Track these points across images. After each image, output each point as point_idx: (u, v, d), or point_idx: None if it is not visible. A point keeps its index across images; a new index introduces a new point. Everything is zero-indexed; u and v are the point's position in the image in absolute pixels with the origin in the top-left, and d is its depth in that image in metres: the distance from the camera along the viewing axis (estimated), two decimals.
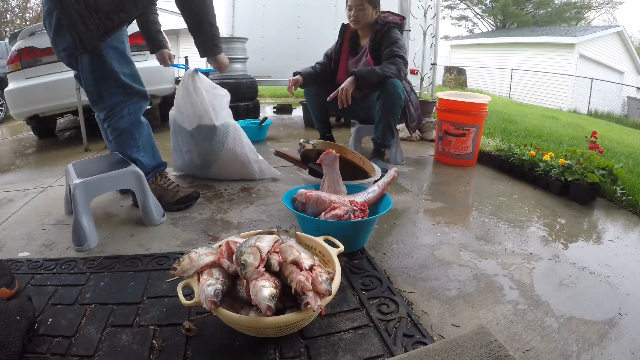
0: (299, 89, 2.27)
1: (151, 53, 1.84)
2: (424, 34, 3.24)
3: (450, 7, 21.44)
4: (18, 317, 0.82)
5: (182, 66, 1.95)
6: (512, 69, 14.03)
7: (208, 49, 1.57)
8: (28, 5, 13.69)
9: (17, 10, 13.62)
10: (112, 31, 1.39)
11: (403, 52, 2.10)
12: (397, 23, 2.18)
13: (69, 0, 1.29)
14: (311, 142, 1.55)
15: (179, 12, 1.52)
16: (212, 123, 1.83)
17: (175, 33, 11.13)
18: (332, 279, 0.86)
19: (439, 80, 11.54)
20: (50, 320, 0.93)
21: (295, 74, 2.25)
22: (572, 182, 1.81)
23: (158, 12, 1.79)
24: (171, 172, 1.85)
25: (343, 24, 2.35)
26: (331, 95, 1.94)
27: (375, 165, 1.60)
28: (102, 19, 1.34)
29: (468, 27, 22.71)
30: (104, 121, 1.56)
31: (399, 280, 1.13)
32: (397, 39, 2.12)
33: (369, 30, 2.23)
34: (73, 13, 1.30)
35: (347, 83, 1.91)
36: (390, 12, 2.28)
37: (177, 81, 3.69)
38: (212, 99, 1.85)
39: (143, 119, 1.60)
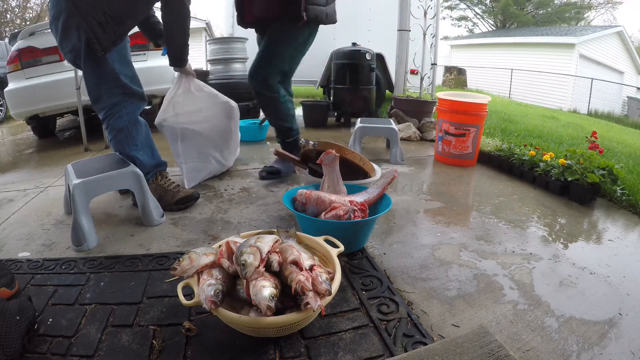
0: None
1: (155, 45, 1.89)
2: (424, 34, 3.25)
3: (450, 8, 21.42)
4: (18, 317, 0.82)
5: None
6: (512, 69, 14.03)
7: (177, 61, 1.75)
8: (28, 5, 13.71)
9: (17, 10, 13.63)
10: (124, 35, 1.50)
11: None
12: None
13: (86, 7, 1.36)
14: (311, 142, 1.55)
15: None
16: (226, 100, 2.04)
17: None
18: (332, 279, 0.86)
19: (439, 80, 11.54)
20: (50, 320, 0.93)
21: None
22: (572, 182, 1.81)
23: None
24: (172, 173, 1.85)
25: None
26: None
27: (375, 166, 1.60)
28: (117, 25, 1.44)
29: (468, 28, 22.72)
30: (102, 121, 1.60)
31: (399, 280, 1.13)
32: None
33: None
34: (91, 19, 1.38)
35: None
36: None
37: None
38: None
39: (140, 118, 1.63)
